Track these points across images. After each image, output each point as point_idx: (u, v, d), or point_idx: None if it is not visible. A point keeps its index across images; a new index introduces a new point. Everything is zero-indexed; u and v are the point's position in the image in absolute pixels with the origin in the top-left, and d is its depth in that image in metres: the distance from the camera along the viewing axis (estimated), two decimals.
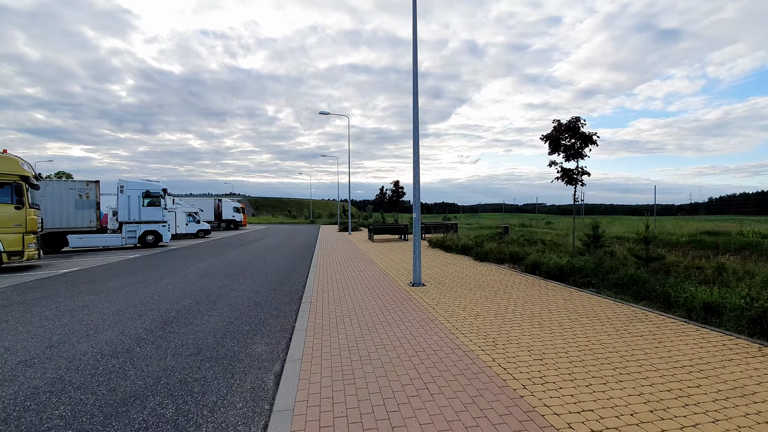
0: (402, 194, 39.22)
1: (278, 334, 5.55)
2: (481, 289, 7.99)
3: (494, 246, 12.77)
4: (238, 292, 8.62)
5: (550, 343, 4.73)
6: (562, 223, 35.68)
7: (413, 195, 8.47)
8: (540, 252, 11.36)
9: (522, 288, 8.01)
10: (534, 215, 60.95)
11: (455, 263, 11.94)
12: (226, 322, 6.22)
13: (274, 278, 10.43)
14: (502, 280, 8.99)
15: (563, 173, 11.18)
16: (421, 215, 8.71)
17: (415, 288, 8.18)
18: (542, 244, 13.44)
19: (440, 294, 7.56)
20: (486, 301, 6.88)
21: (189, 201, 39.62)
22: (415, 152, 8.46)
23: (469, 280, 9.07)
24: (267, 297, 8.06)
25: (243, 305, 7.35)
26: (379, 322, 5.68)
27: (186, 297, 8.11)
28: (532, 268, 9.62)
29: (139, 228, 20.99)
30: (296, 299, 7.76)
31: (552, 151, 11.48)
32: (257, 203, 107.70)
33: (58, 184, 19.30)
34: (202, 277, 10.75)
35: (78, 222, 19.47)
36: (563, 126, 11.10)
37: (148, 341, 5.30)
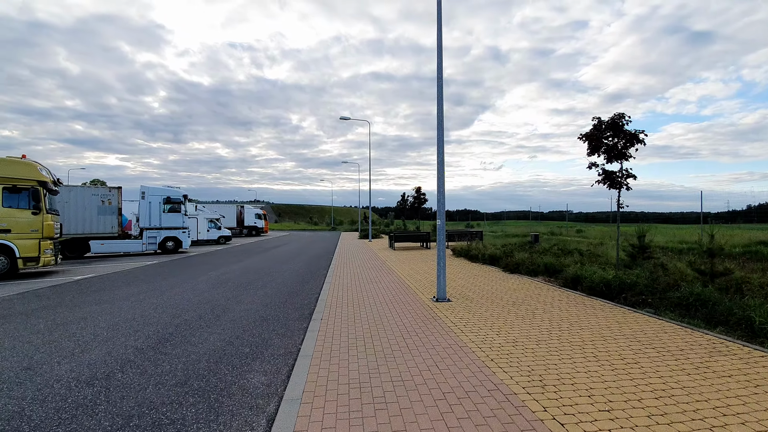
0: (424, 201, 38.25)
1: (280, 359, 4.77)
2: (515, 306, 7.00)
3: (525, 256, 11.67)
4: (246, 304, 7.95)
5: (615, 384, 3.73)
6: (593, 231, 33.77)
7: (437, 201, 7.60)
8: (578, 264, 10.21)
9: (564, 306, 6.96)
10: (562, 223, 58.55)
11: (483, 275, 10.93)
12: (225, 341, 5.50)
13: (286, 289, 9.73)
14: (539, 296, 7.94)
15: (605, 176, 10.03)
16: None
17: (440, 304, 7.27)
18: (579, 254, 12.22)
19: (468, 312, 6.62)
20: (523, 323, 5.89)
21: (213, 207, 40.01)
22: (439, 156, 7.61)
23: (500, 295, 8.07)
24: (275, 311, 7.33)
25: (248, 321, 6.64)
26: (397, 348, 4.82)
27: (190, 310, 7.49)
28: (573, 282, 8.51)
29: (159, 234, 20.92)
30: (306, 315, 6.99)
31: (591, 151, 10.36)
32: (280, 210, 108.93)
33: (81, 190, 19.45)
34: (212, 286, 10.19)
35: (100, 228, 19.52)
36: (605, 124, 9.99)
37: (133, 364, 4.63)
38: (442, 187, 7.57)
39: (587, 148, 10.47)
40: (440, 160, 7.59)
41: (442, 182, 7.57)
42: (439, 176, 7.57)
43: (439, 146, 7.59)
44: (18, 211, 12.21)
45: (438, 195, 7.59)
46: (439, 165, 7.58)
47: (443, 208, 7.59)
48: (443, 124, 7.60)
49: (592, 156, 10.44)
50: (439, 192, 7.58)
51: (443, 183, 7.58)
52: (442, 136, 7.59)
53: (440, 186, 7.56)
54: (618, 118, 9.79)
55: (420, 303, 7.42)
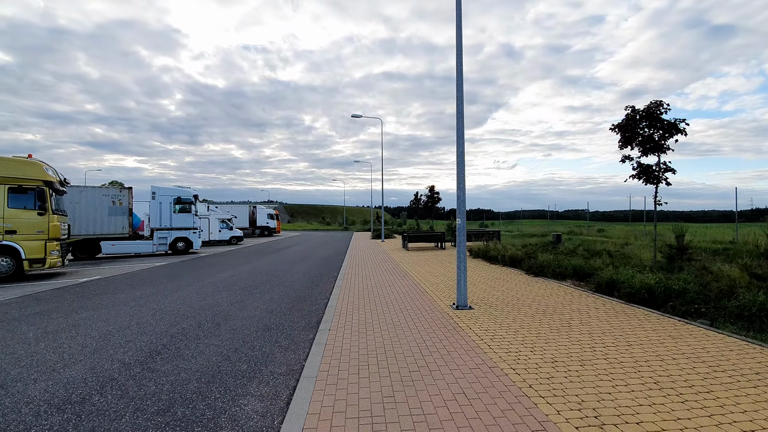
0: (437, 200, 37.49)
1: (280, 380, 4.14)
2: (546, 316, 6.24)
3: (550, 258, 10.84)
4: (250, 310, 7.38)
5: (692, 424, 2.97)
6: (615, 230, 32.38)
7: (457, 198, 6.89)
8: (609, 266, 9.35)
9: (602, 316, 6.17)
10: (582, 222, 56.73)
11: (504, 278, 10.15)
12: (222, 356, 4.91)
13: (294, 293, 9.15)
14: (571, 303, 7.16)
15: (641, 170, 9.15)
16: (455, 222, 7.10)
17: (461, 312, 6.56)
18: (608, 256, 11.32)
19: (494, 322, 5.89)
20: (559, 337, 5.14)
21: (225, 208, 39.94)
22: (459, 149, 6.89)
23: (527, 302, 7.31)
24: (281, 319, 6.73)
25: (250, 330, 6.05)
26: (416, 369, 4.13)
27: (190, 316, 6.95)
28: (608, 287, 7.69)
29: (170, 234, 20.68)
30: (314, 323, 6.37)
31: (624, 143, 9.50)
32: (292, 210, 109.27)
33: (92, 191, 19.29)
34: (218, 290, 9.68)
35: (111, 228, 19.36)
36: (640, 113, 9.11)
37: (115, 384, 4.07)
38: (462, 183, 6.85)
39: (619, 140, 9.62)
40: (460, 152, 6.87)
41: (462, 178, 6.85)
42: (459, 172, 6.86)
43: (459, 139, 6.88)
44: (23, 211, 11.95)
45: (458, 191, 6.87)
46: (459, 159, 6.87)
47: (463, 206, 6.87)
48: (463, 115, 6.88)
49: (624, 148, 9.59)
50: (459, 188, 6.86)
51: (463, 179, 6.86)
52: (462, 128, 6.87)
53: (460, 182, 6.84)
54: (655, 106, 8.90)
55: (438, 311, 6.72)
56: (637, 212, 51.51)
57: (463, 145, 6.88)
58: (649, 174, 9.00)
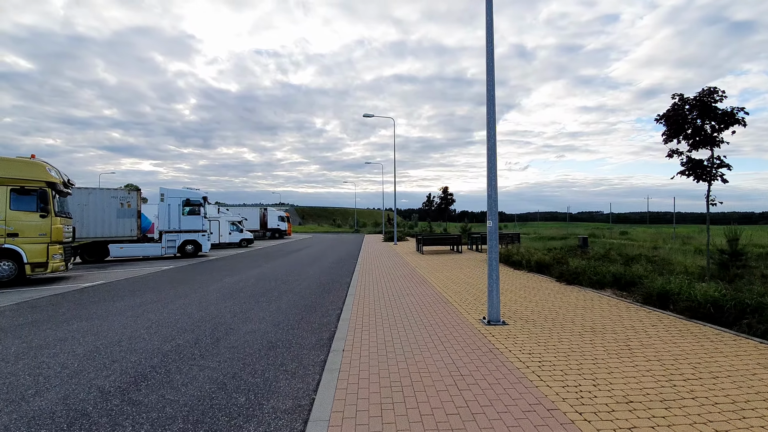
0: (451, 201, 36.50)
1: (284, 420, 3.35)
2: (596, 335, 5.33)
3: (583, 264, 9.87)
4: (254, 323, 6.64)
5: None
6: (638, 233, 30.90)
7: (488, 197, 6.03)
8: (653, 273, 8.36)
9: (665, 336, 5.24)
10: (597, 224, 54.75)
11: (534, 286, 9.23)
12: (217, 383, 4.16)
13: (304, 301, 8.40)
14: (620, 318, 6.22)
15: (691, 166, 8.15)
16: (470, 224, 6.24)
17: (494, 329, 5.69)
18: (647, 261, 10.29)
19: (536, 343, 5.02)
20: (622, 364, 4.24)
21: (236, 210, 39.64)
22: (490, 141, 6.04)
23: (568, 316, 6.41)
24: (288, 334, 5.96)
25: (252, 348, 5.29)
26: (453, 410, 3.30)
27: (188, 330, 6.24)
28: (660, 299, 6.72)
29: (178, 237, 20.23)
30: (325, 341, 5.58)
31: (670, 136, 8.51)
32: (304, 212, 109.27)
33: (100, 193, 18.93)
34: (222, 297, 8.99)
35: (119, 231, 19.00)
36: (690, 102, 8.12)
37: (85, 421, 3.34)
38: (493, 180, 5.99)
39: (664, 133, 8.62)
40: (491, 145, 6.02)
41: (493, 173, 5.99)
42: (490, 166, 6.00)
43: (490, 129, 6.02)
44: (25, 213, 11.49)
45: (488, 189, 6.01)
46: (490, 153, 6.01)
47: (495, 206, 6.00)
48: (494, 101, 6.03)
49: (670, 142, 8.59)
50: (489, 186, 6.00)
51: (495, 175, 6.00)
52: (494, 115, 6.02)
53: (491, 179, 5.99)
54: (707, 94, 7.90)
55: (467, 326, 5.86)
56: (654, 214, 49.30)
57: (495, 136, 6.03)
58: (702, 170, 7.99)
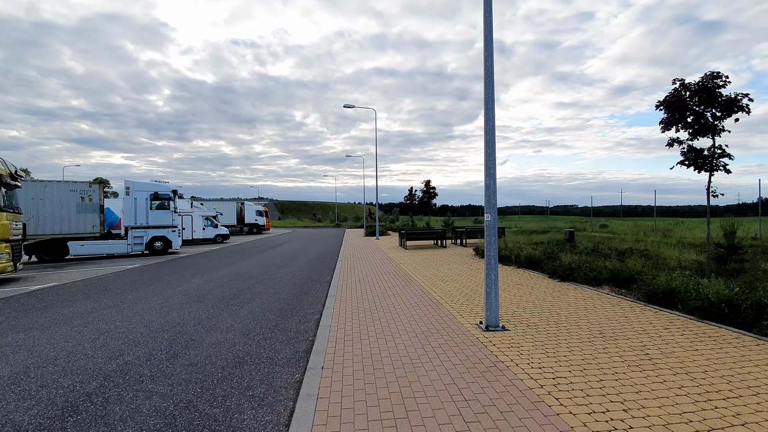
0: (434, 195, 36.05)
1: None
2: (609, 341, 4.77)
3: (576, 259, 9.42)
4: (220, 332, 5.80)
5: None
6: (618, 226, 31.23)
7: (485, 187, 5.36)
8: (652, 269, 7.95)
9: (682, 341, 4.73)
10: (572, 218, 55.61)
11: (528, 284, 8.70)
12: (163, 418, 3.34)
13: (279, 305, 7.59)
14: (627, 319, 5.71)
15: (692, 155, 7.73)
16: (452, 218, 5.59)
17: (493, 335, 5.07)
18: (640, 256, 9.93)
19: (544, 353, 4.41)
20: (647, 379, 3.67)
21: (211, 205, 38.02)
22: (488, 124, 5.36)
23: (572, 318, 5.86)
24: (259, 346, 5.17)
25: (215, 366, 4.48)
26: None
27: (141, 343, 5.36)
28: (665, 297, 6.26)
29: (146, 233, 18.91)
30: (302, 353, 4.82)
31: (668, 124, 8.07)
32: (283, 207, 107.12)
33: (57, 186, 17.40)
34: (187, 301, 8.07)
35: (80, 227, 17.57)
36: (690, 88, 7.68)
37: None
38: (492, 169, 5.33)
39: (661, 121, 8.18)
40: (489, 128, 5.34)
41: (492, 160, 5.32)
42: (488, 153, 5.32)
43: (488, 111, 5.34)
44: None
45: (486, 179, 5.34)
46: (488, 137, 5.33)
47: (494, 197, 5.35)
48: (493, 78, 5.35)
49: (668, 130, 8.16)
50: (487, 175, 5.33)
51: (494, 162, 5.33)
52: (492, 95, 5.34)
53: (490, 167, 5.32)
54: (710, 78, 7.47)
55: (463, 333, 5.21)
56: (627, 207, 50.36)
57: (493, 119, 5.35)
58: (703, 160, 7.59)
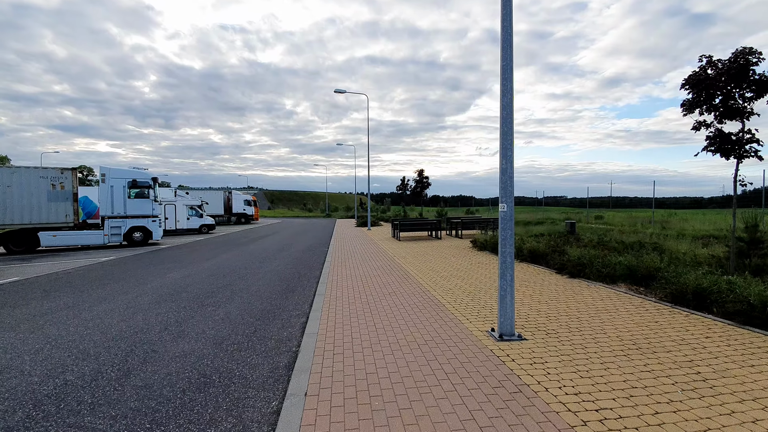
0: (427, 185, 35.23)
1: None
2: (645, 354, 4.05)
3: (585, 253, 8.73)
4: (189, 340, 4.95)
5: None
6: (613, 217, 30.85)
7: (501, 172, 4.55)
8: (669, 265, 7.30)
9: (734, 356, 4.03)
10: (566, 209, 55.33)
11: (535, 281, 7.99)
12: None
13: (261, 305, 6.75)
14: (658, 325, 5.02)
15: (720, 140, 7.01)
16: (444, 209, 4.82)
17: (509, 347, 4.31)
18: (652, 249, 9.30)
19: (574, 371, 3.67)
20: (710, 409, 2.95)
21: (198, 193, 36.70)
22: (505, 95, 4.53)
23: (594, 323, 5.14)
24: (231, 359, 4.34)
25: (174, 388, 3.65)
26: None
27: (91, 355, 4.49)
28: (697, 299, 5.57)
29: (124, 223, 17.79)
30: (282, 371, 4.01)
31: (692, 106, 7.33)
32: (273, 196, 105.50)
33: (26, 172, 16.17)
34: (158, 300, 7.19)
35: (51, 217, 16.41)
36: (719, 66, 6.92)
37: None
38: (509, 151, 4.51)
39: (683, 104, 7.44)
40: (506, 103, 4.50)
41: (509, 140, 4.50)
42: (505, 133, 4.51)
43: (506, 80, 4.51)
44: None
45: (502, 162, 4.52)
46: (505, 112, 4.51)
47: (511, 183, 4.54)
48: (512, 42, 4.51)
49: (691, 113, 7.43)
50: (504, 158, 4.51)
51: (511, 142, 4.52)
52: (511, 61, 4.51)
53: (506, 148, 4.50)
54: (741, 55, 6.72)
55: (474, 343, 4.45)
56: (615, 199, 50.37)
57: (512, 90, 4.52)
58: (731, 145, 6.89)
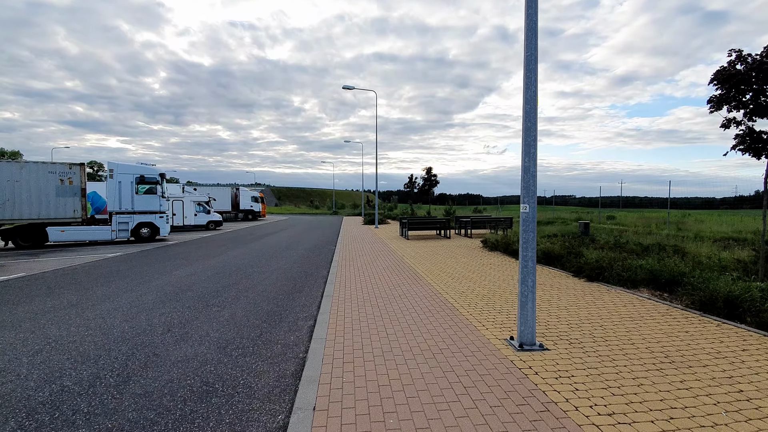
0: (435, 183, 34.86)
1: None
2: (680, 369, 3.75)
3: (603, 255, 8.38)
4: (192, 344, 4.74)
5: None
6: (625, 217, 30.22)
7: (524, 169, 4.25)
8: (696, 270, 6.94)
9: None
10: (575, 208, 54.42)
11: (552, 284, 7.68)
12: None
13: (268, 305, 6.54)
14: (689, 336, 4.70)
15: (750, 139, 6.63)
16: (452, 207, 4.54)
17: (531, 358, 4.03)
18: (674, 252, 8.92)
19: (604, 387, 3.38)
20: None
21: (205, 190, 36.75)
22: (529, 88, 4.24)
23: (620, 332, 4.84)
24: (236, 365, 4.12)
25: (175, 398, 3.43)
26: None
27: (90, 358, 4.30)
28: (728, 307, 5.24)
29: (131, 219, 17.76)
30: (289, 379, 3.78)
31: (720, 103, 6.95)
32: (280, 193, 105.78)
33: (35, 167, 16.18)
34: (163, 299, 7.01)
35: (59, 212, 16.45)
36: (753, 60, 6.53)
37: None
38: (533, 147, 4.21)
39: (711, 99, 7.06)
40: (530, 96, 4.21)
41: (533, 134, 4.21)
42: (528, 126, 4.21)
43: (530, 70, 4.21)
44: None
45: (524, 159, 4.23)
46: (528, 105, 4.21)
47: (534, 182, 4.25)
48: (537, 29, 4.20)
49: (718, 110, 7.05)
50: (527, 155, 4.21)
51: (535, 137, 4.22)
52: (536, 51, 4.21)
53: (529, 144, 4.20)
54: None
55: (493, 353, 4.18)
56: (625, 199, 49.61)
57: (536, 82, 4.21)
58: (763, 144, 6.50)
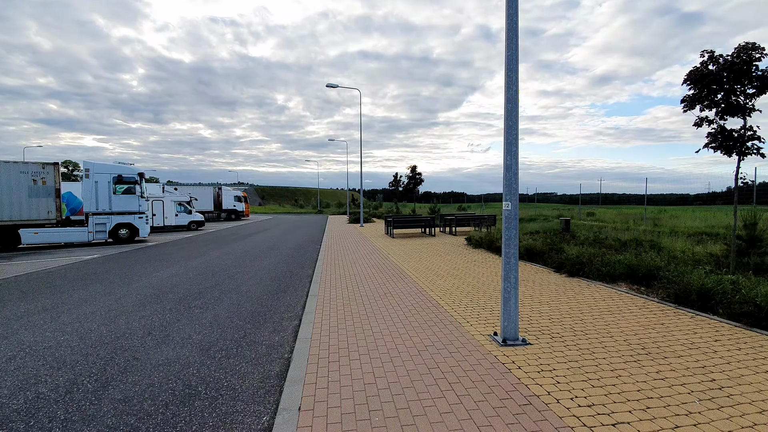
0: (420, 182, 35.09)
1: None
2: (656, 360, 3.88)
3: (584, 251, 8.59)
4: (174, 346, 4.65)
5: None
6: (604, 214, 31.00)
7: (505, 168, 4.31)
8: (670, 264, 7.18)
9: (749, 362, 3.87)
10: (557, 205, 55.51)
11: (533, 280, 7.83)
12: None
13: (252, 306, 6.46)
14: (664, 327, 4.86)
15: (722, 137, 6.88)
16: (437, 205, 4.63)
17: (514, 352, 4.11)
18: (650, 247, 9.20)
19: (585, 380, 3.47)
20: (733, 421, 2.76)
21: (187, 189, 35.98)
22: (510, 87, 4.29)
23: (599, 326, 4.97)
24: (219, 367, 4.06)
25: (156, 402, 3.35)
26: None
27: (67, 364, 4.17)
28: (701, 299, 5.43)
29: (109, 220, 17.25)
30: (273, 379, 3.75)
31: (692, 102, 7.19)
32: (264, 192, 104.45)
33: (5, 167, 15.56)
34: (143, 301, 6.85)
35: (32, 213, 15.87)
36: (720, 63, 6.77)
37: None
38: (514, 145, 4.27)
39: (684, 99, 7.30)
40: (511, 96, 4.26)
41: (514, 134, 4.27)
42: (510, 125, 4.27)
43: (510, 70, 4.27)
44: None
45: (506, 158, 4.29)
46: (510, 104, 4.27)
47: (516, 180, 4.31)
48: (518, 29, 4.26)
49: (691, 109, 7.29)
50: (508, 153, 4.28)
51: (516, 136, 4.28)
52: (516, 50, 4.26)
53: (511, 143, 4.27)
54: (743, 51, 6.57)
55: (477, 349, 4.24)
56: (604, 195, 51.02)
57: (517, 82, 4.27)
58: (733, 142, 6.76)
